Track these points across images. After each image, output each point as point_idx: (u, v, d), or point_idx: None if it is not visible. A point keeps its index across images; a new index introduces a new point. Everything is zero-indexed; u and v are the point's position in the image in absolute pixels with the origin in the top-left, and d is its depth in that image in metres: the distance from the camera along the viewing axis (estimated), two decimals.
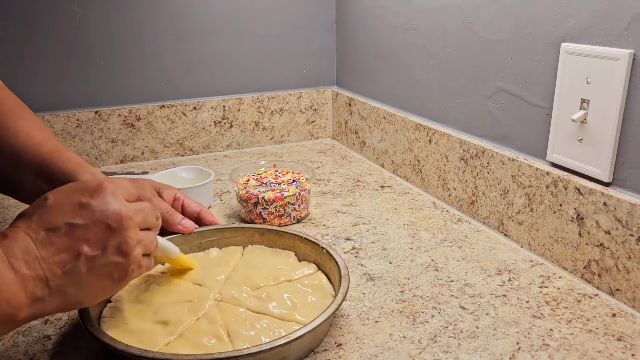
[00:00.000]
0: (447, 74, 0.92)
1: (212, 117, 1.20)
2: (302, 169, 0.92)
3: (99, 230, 0.46)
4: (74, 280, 0.45)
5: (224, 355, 0.48)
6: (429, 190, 0.97)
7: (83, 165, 0.66)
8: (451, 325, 0.60)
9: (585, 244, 0.67)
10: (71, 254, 0.44)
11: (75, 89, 1.10)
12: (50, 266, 0.44)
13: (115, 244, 0.46)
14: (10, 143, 0.66)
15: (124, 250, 0.47)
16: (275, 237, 0.71)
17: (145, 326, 0.56)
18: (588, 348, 0.56)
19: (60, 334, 0.59)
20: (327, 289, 0.63)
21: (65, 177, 0.64)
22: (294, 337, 0.50)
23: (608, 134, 0.64)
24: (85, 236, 0.45)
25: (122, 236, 0.47)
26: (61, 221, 0.45)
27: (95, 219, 0.46)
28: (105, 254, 0.46)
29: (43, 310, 0.45)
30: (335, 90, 1.29)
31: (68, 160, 0.66)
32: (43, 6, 1.03)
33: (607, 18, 0.63)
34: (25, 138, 0.66)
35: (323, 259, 0.66)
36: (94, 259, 0.45)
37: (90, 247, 0.45)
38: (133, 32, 1.11)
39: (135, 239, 0.48)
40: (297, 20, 1.24)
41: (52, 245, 0.44)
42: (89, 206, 0.46)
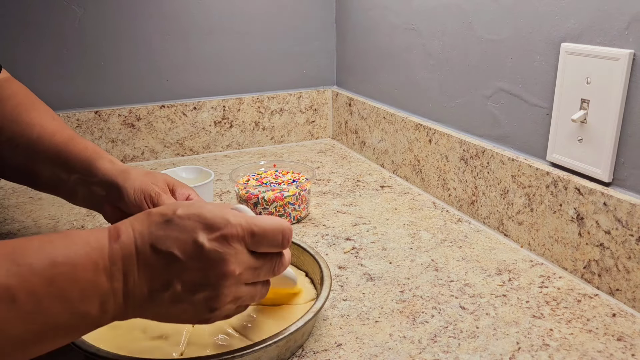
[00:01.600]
0: (447, 74, 0.92)
1: (212, 117, 1.20)
2: (302, 169, 0.92)
3: (197, 276, 0.43)
4: (155, 305, 0.43)
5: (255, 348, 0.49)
6: (429, 190, 0.97)
7: (100, 153, 0.66)
8: (451, 325, 0.60)
9: (585, 244, 0.67)
10: (162, 283, 0.42)
11: (75, 89, 1.10)
12: (140, 285, 0.42)
13: (207, 295, 0.43)
14: (25, 135, 0.67)
15: (213, 306, 0.44)
16: None
17: (147, 344, 0.54)
18: (588, 348, 0.56)
19: None
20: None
21: (83, 165, 0.64)
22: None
23: (608, 134, 0.64)
24: (182, 274, 0.42)
25: (217, 292, 0.43)
26: (168, 247, 0.42)
27: (199, 263, 0.43)
28: (192, 299, 0.43)
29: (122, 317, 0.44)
30: (335, 90, 1.29)
31: (85, 149, 0.66)
32: (43, 6, 1.03)
33: (607, 18, 0.63)
34: (40, 129, 0.67)
35: (306, 260, 0.67)
36: (181, 298, 0.43)
37: (182, 286, 0.42)
38: (133, 32, 1.11)
39: (232, 296, 0.45)
40: (297, 20, 1.24)
41: (150, 267, 0.42)
42: (201, 248, 0.42)
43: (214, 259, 0.43)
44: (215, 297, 0.44)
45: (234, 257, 0.43)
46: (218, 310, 0.45)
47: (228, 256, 0.43)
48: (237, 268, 0.44)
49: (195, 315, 0.45)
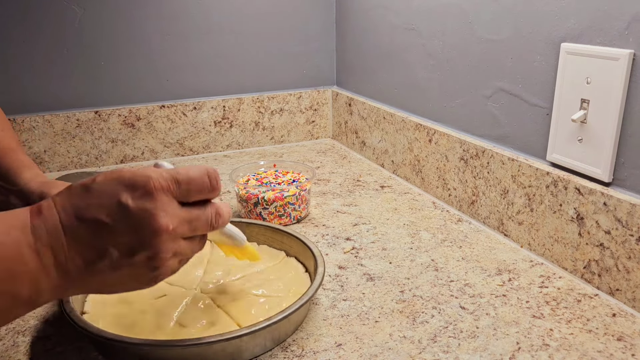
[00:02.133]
0: (447, 74, 0.92)
1: (212, 117, 1.20)
2: (302, 169, 0.92)
3: (129, 238, 0.41)
4: (95, 275, 0.42)
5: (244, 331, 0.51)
6: (429, 190, 0.97)
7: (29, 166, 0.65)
8: (451, 325, 0.60)
9: (585, 244, 0.67)
10: (96, 252, 0.41)
11: (75, 89, 1.10)
12: (73, 257, 0.41)
13: (146, 255, 0.42)
14: None
15: (154, 264, 0.43)
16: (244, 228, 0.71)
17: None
18: (588, 348, 0.56)
19: (60, 334, 0.59)
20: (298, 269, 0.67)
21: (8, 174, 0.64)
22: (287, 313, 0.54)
23: (608, 134, 0.64)
24: (114, 239, 0.41)
25: (155, 249, 0.42)
26: (93, 214, 0.41)
27: (128, 224, 0.41)
28: (132, 262, 0.42)
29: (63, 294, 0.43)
30: (335, 90, 1.29)
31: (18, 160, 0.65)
32: (43, 6, 1.03)
33: (607, 18, 0.63)
34: None
35: (300, 249, 0.69)
36: (120, 263, 0.41)
37: (118, 251, 0.41)
38: (133, 32, 1.11)
39: (171, 252, 0.43)
40: (297, 21, 1.24)
41: (78, 238, 0.41)
42: (126, 209, 0.41)
43: (143, 217, 0.41)
44: (155, 256, 0.42)
45: (162, 211, 0.42)
46: (161, 268, 0.43)
47: (156, 210, 0.41)
48: (169, 222, 0.42)
49: (140, 278, 0.44)
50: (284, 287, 0.64)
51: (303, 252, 0.69)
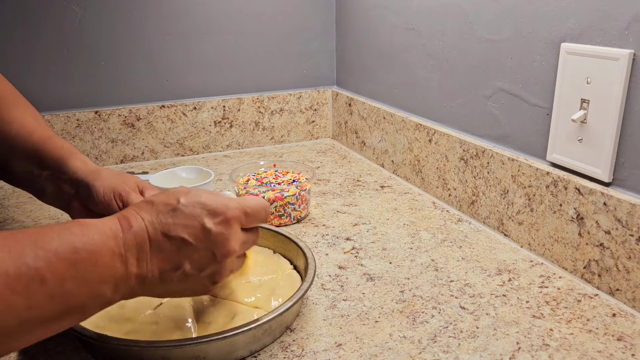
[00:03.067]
0: (447, 74, 0.92)
1: (212, 117, 1.20)
2: (302, 169, 0.92)
3: (204, 256, 0.49)
4: (164, 284, 0.48)
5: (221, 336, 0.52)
6: (429, 190, 0.97)
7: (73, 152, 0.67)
8: (451, 325, 0.60)
9: (585, 244, 0.67)
10: (173, 265, 0.47)
11: (75, 89, 1.10)
12: (152, 268, 0.47)
13: (211, 271, 0.50)
14: (4, 132, 0.68)
15: (215, 279, 0.50)
16: None
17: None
18: (588, 348, 0.56)
19: (61, 334, 0.59)
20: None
21: (56, 162, 0.65)
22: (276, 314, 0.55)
23: (608, 134, 0.64)
24: (191, 255, 0.48)
25: (220, 267, 0.50)
26: (179, 233, 0.47)
27: (207, 245, 0.48)
28: (199, 276, 0.49)
29: (132, 296, 0.48)
30: (335, 90, 1.29)
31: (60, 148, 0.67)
32: (43, 6, 1.03)
33: (607, 18, 0.63)
34: (19, 126, 0.68)
35: (289, 248, 0.70)
36: (188, 276, 0.48)
37: (191, 266, 0.48)
38: (133, 32, 1.11)
39: (229, 269, 0.52)
40: (297, 20, 1.24)
41: (162, 252, 0.47)
42: (209, 233, 0.48)
43: (220, 240, 0.49)
44: (219, 272, 0.50)
45: (234, 236, 0.50)
46: (219, 282, 0.51)
47: (230, 236, 0.49)
48: (237, 246, 0.50)
49: (199, 289, 0.51)
50: (272, 271, 0.67)
51: (288, 247, 0.71)
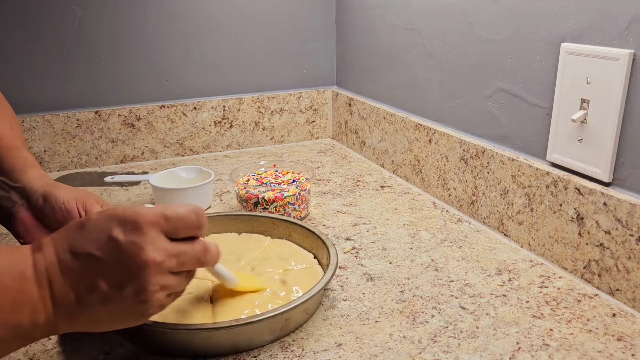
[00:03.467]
0: (447, 74, 0.92)
1: (212, 117, 1.20)
2: (302, 169, 0.92)
3: (118, 270, 0.43)
4: (86, 310, 0.43)
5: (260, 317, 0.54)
6: (429, 190, 0.97)
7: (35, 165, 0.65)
8: (451, 325, 0.60)
9: (585, 244, 0.67)
10: (86, 285, 0.43)
11: (75, 89, 1.10)
12: (67, 292, 0.42)
13: (133, 288, 0.43)
14: None
15: (142, 298, 0.44)
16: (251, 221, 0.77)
17: None
18: (588, 348, 0.56)
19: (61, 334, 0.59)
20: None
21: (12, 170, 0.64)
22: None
23: (608, 134, 0.64)
24: (104, 272, 0.43)
25: (142, 282, 0.43)
26: (86, 249, 0.43)
27: (118, 257, 0.43)
28: (120, 295, 0.43)
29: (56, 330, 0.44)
30: (335, 90, 1.29)
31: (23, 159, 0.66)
32: (43, 6, 1.03)
33: (607, 18, 0.63)
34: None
35: (317, 245, 0.71)
36: (109, 297, 0.43)
37: (107, 285, 0.43)
38: (133, 32, 1.11)
39: (159, 285, 0.44)
40: (297, 20, 1.24)
41: (72, 272, 0.43)
42: (117, 242, 0.43)
43: (131, 250, 0.43)
44: (143, 289, 0.43)
45: (150, 245, 0.43)
46: (149, 302, 0.44)
47: (144, 244, 0.43)
48: (156, 255, 0.43)
49: (129, 313, 0.45)
50: (284, 261, 0.69)
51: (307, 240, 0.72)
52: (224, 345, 0.55)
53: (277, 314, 0.54)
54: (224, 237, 0.75)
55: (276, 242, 0.74)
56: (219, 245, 0.51)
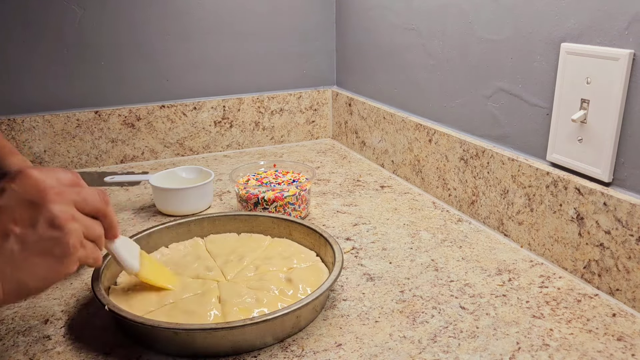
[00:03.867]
0: (447, 74, 0.92)
1: (212, 117, 1.20)
2: (302, 169, 0.92)
3: (23, 209, 0.44)
4: (9, 260, 0.44)
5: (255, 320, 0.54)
6: (429, 190, 0.97)
7: (14, 152, 0.66)
8: (451, 325, 0.60)
9: (585, 244, 0.67)
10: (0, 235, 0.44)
11: (75, 89, 1.10)
12: None
13: (44, 218, 0.45)
14: None
15: (57, 224, 0.45)
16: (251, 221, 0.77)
17: None
18: (588, 348, 0.56)
19: (60, 334, 0.59)
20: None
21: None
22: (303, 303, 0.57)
23: (608, 134, 0.64)
24: (11, 216, 0.44)
25: (49, 209, 0.45)
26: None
27: (16, 198, 0.45)
28: (35, 231, 0.44)
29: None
30: (335, 90, 1.29)
31: (1, 147, 0.66)
32: (43, 6, 1.03)
33: (607, 18, 0.63)
34: None
35: (319, 244, 0.71)
36: (25, 237, 0.44)
37: (18, 226, 0.44)
38: (133, 32, 1.11)
39: (69, 213, 0.46)
40: (297, 20, 1.24)
41: None
42: (8, 189, 0.45)
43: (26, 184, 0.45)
44: (53, 217, 0.45)
45: (42, 175, 0.46)
46: (65, 228, 0.45)
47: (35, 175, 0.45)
48: (52, 183, 0.46)
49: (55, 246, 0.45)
50: (287, 259, 0.69)
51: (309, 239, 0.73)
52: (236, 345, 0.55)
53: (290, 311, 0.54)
54: (224, 237, 0.75)
55: (277, 241, 0.74)
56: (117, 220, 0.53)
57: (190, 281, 0.65)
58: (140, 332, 0.56)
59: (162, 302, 0.60)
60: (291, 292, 0.62)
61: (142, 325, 0.53)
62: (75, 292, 0.67)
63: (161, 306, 0.60)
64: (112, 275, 0.65)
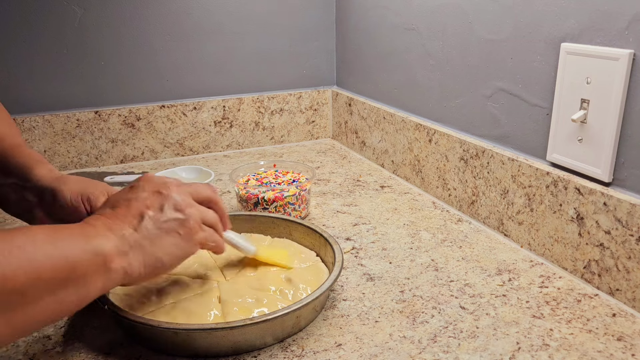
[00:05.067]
0: (447, 74, 0.92)
1: (212, 117, 1.20)
2: (302, 169, 0.92)
3: (153, 197, 0.54)
4: (146, 235, 0.52)
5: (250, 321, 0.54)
6: (429, 190, 0.97)
7: (41, 161, 0.66)
8: (451, 325, 0.60)
9: (585, 244, 0.67)
10: (137, 216, 0.53)
11: (75, 89, 1.10)
12: (123, 225, 0.51)
13: (170, 204, 0.55)
14: None
15: (179, 208, 0.55)
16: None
17: None
18: (588, 348, 0.56)
19: (60, 334, 0.59)
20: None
21: (21, 170, 0.64)
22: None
23: (608, 134, 0.64)
24: (144, 203, 0.54)
25: (173, 197, 0.55)
26: (121, 198, 0.55)
27: (146, 190, 0.55)
28: (164, 213, 0.54)
29: (131, 265, 0.50)
30: (335, 90, 1.29)
31: (27, 156, 0.66)
32: (43, 6, 1.03)
33: (607, 18, 0.63)
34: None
35: (319, 244, 0.71)
36: (157, 218, 0.53)
37: (151, 209, 0.53)
38: (133, 32, 1.11)
39: (187, 201, 0.56)
40: (297, 20, 1.24)
41: (119, 215, 0.52)
42: (137, 186, 0.55)
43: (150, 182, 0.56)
44: (176, 202, 0.55)
45: (162, 177, 0.57)
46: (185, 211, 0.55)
47: (157, 178, 0.57)
48: (171, 180, 0.57)
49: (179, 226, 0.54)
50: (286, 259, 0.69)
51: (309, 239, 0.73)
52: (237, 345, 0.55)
53: (290, 311, 0.54)
54: None
55: (277, 241, 0.74)
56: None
57: (190, 281, 0.65)
58: (140, 332, 0.56)
59: (162, 302, 0.60)
60: (291, 292, 0.62)
61: (142, 325, 0.53)
62: None
63: (161, 306, 0.60)
64: None
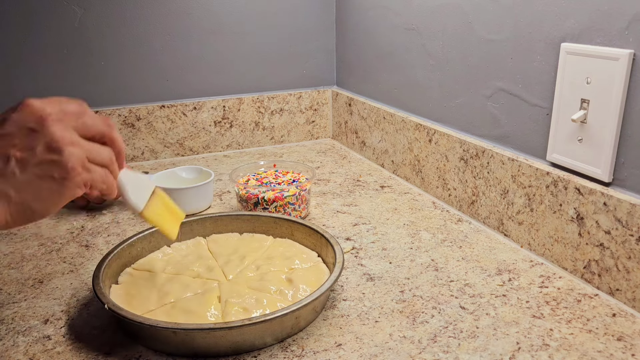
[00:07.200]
0: (447, 74, 0.92)
1: (212, 117, 1.20)
2: (302, 169, 0.92)
3: (22, 134, 0.46)
4: (11, 182, 0.46)
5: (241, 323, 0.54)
6: (429, 190, 0.97)
7: None
8: (451, 325, 0.60)
9: (585, 244, 0.67)
10: (1, 157, 0.46)
11: (76, 89, 1.10)
12: None
13: (43, 142, 0.46)
14: None
15: (55, 147, 0.46)
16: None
17: None
18: (588, 348, 0.56)
19: (60, 334, 0.59)
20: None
21: None
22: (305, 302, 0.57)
23: (608, 134, 0.64)
24: (11, 142, 0.46)
25: (48, 133, 0.46)
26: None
27: (16, 125, 0.46)
28: (34, 154, 0.46)
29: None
30: (335, 90, 1.29)
31: None
32: (43, 6, 1.03)
33: (607, 18, 0.63)
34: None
35: (320, 244, 0.71)
36: (25, 160, 0.46)
37: (19, 150, 0.46)
38: (133, 32, 1.11)
39: (68, 138, 0.47)
40: (297, 20, 1.24)
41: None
42: (9, 118, 0.47)
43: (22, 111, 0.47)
44: (51, 140, 0.46)
45: (37, 101, 0.47)
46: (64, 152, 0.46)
47: (30, 102, 0.47)
48: (50, 110, 0.47)
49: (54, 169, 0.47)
50: (288, 259, 0.69)
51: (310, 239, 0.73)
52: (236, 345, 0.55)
53: (289, 312, 0.54)
54: (226, 237, 0.75)
55: (278, 241, 0.75)
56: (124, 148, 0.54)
57: (191, 281, 0.65)
58: (139, 331, 0.56)
59: (162, 302, 0.60)
60: (291, 292, 0.62)
61: (142, 324, 0.53)
62: (75, 292, 0.67)
63: (161, 305, 0.60)
64: (113, 274, 0.65)
